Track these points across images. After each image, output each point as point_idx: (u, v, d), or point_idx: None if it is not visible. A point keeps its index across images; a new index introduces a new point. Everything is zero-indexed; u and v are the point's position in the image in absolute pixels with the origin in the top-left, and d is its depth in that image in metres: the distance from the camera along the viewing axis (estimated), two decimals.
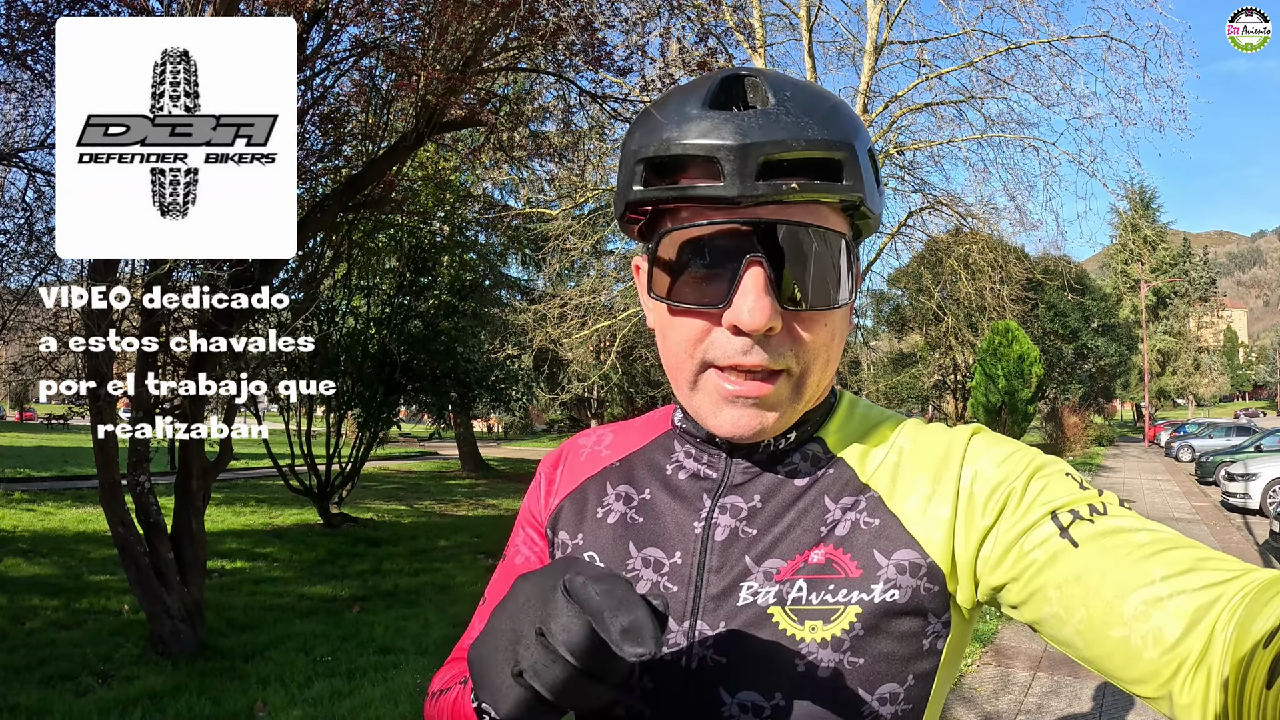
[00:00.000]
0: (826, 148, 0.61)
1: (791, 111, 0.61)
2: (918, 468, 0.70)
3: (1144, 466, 22.97)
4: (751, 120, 0.61)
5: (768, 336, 0.63)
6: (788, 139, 0.60)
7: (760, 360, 0.63)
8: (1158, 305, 54.05)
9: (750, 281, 0.61)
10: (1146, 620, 0.54)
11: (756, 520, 0.70)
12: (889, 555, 0.66)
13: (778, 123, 0.61)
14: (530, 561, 0.84)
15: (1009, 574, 0.62)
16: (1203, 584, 0.54)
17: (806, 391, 0.68)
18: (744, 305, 0.61)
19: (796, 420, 0.72)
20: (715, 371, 0.65)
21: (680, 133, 0.62)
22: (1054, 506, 0.62)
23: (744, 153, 0.60)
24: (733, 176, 0.60)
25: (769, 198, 0.61)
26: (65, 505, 11.42)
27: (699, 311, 0.65)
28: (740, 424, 0.66)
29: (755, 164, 0.60)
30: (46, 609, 5.96)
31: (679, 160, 0.63)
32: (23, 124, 5.53)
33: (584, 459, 0.84)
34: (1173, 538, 0.58)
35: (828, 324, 0.66)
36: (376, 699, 4.25)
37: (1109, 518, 0.61)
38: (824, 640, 0.64)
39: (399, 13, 5.56)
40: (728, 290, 0.62)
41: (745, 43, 11.98)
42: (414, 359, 12.00)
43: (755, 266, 0.62)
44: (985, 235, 14.90)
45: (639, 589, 0.69)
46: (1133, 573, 0.56)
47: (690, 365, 0.67)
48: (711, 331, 0.65)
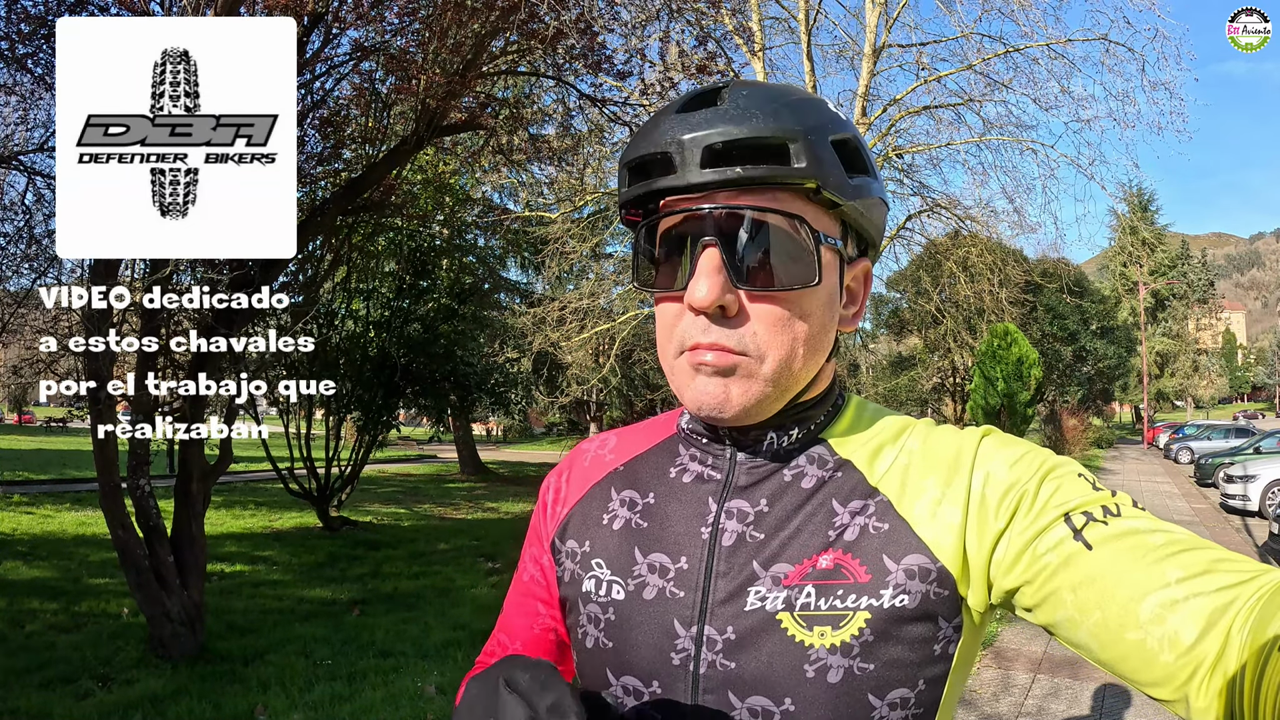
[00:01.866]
0: (771, 133, 0.64)
1: (741, 107, 0.66)
2: (927, 471, 0.70)
3: (1143, 468, 22.99)
4: (701, 117, 0.65)
5: (725, 316, 0.66)
6: (730, 128, 0.64)
7: (717, 339, 0.66)
8: (1156, 307, 54.04)
9: (704, 262, 0.65)
10: (1163, 623, 0.54)
11: (764, 524, 0.70)
12: (898, 560, 0.66)
13: (724, 116, 0.65)
14: (536, 580, 0.85)
15: (1023, 577, 0.62)
16: (1219, 586, 0.54)
17: (779, 377, 0.68)
18: (696, 285, 0.65)
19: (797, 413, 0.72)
20: (686, 353, 0.68)
21: (647, 139, 0.68)
22: (1067, 509, 0.62)
23: (691, 144, 0.64)
24: (681, 167, 0.65)
25: (718, 182, 0.64)
26: (64, 508, 11.41)
27: (669, 296, 0.69)
28: (706, 393, 0.67)
29: (699, 153, 0.64)
30: (46, 612, 5.95)
31: (645, 162, 0.68)
32: (22, 127, 5.54)
33: (588, 464, 0.84)
34: (1187, 539, 0.58)
35: (789, 306, 0.67)
36: (377, 702, 4.24)
37: (1123, 519, 0.61)
38: (833, 646, 0.64)
39: (399, 16, 5.57)
40: (689, 273, 0.66)
41: (744, 46, 12.00)
42: (413, 362, 12.01)
43: (709, 249, 0.65)
44: (984, 238, 14.91)
45: (645, 595, 0.71)
46: (1148, 575, 0.56)
47: (670, 348, 0.70)
48: (682, 315, 0.68)
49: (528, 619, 0.85)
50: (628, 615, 0.72)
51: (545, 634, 0.85)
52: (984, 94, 13.07)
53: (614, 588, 0.73)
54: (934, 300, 19.62)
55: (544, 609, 0.84)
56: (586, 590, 0.75)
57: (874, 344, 29.17)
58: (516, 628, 0.86)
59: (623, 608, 0.72)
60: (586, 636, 0.74)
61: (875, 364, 29.71)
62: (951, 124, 13.44)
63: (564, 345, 14.83)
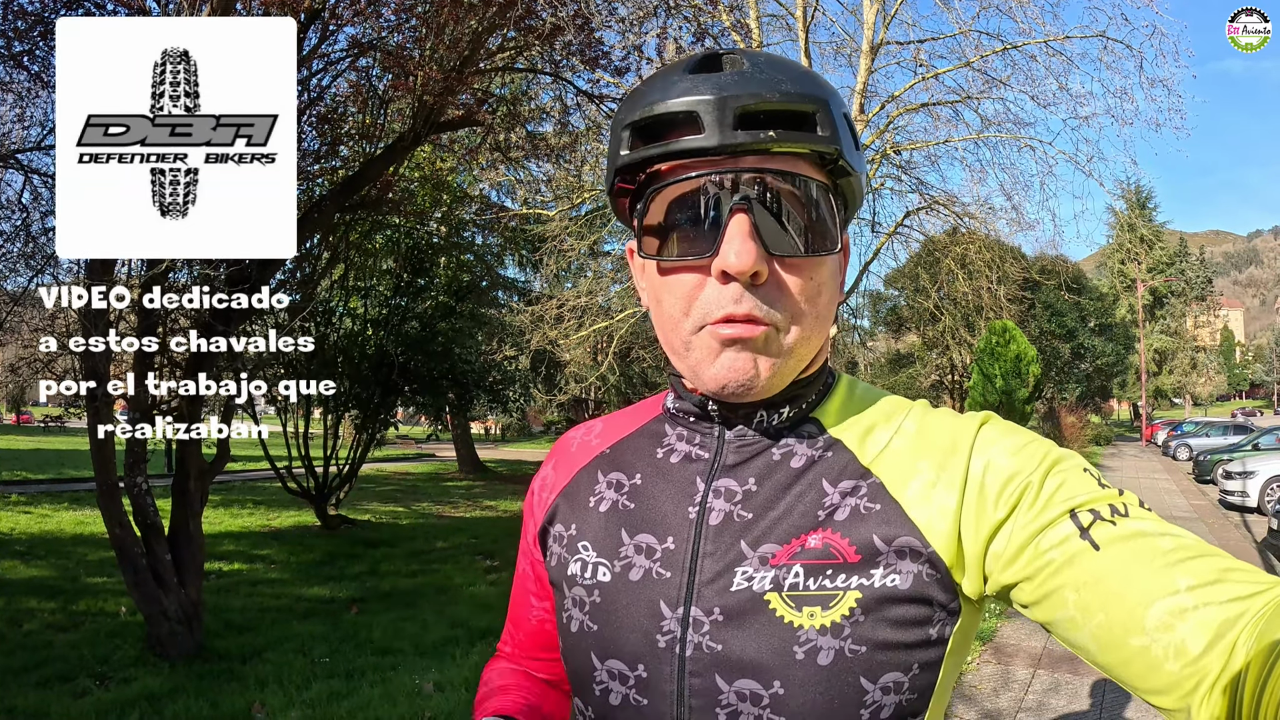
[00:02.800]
0: (800, 100, 0.64)
1: (765, 70, 0.64)
2: (922, 453, 0.68)
3: (1142, 465, 23.03)
4: (728, 78, 0.64)
5: (755, 285, 0.64)
6: (762, 91, 0.63)
7: (750, 308, 0.63)
8: (1154, 305, 54.13)
9: (735, 228, 0.62)
10: (1170, 631, 0.53)
11: (752, 503, 0.68)
12: (889, 542, 0.64)
13: (753, 79, 0.63)
14: (526, 573, 0.86)
15: (1023, 572, 0.61)
16: (1229, 597, 0.53)
17: (797, 348, 0.67)
18: (730, 250, 0.62)
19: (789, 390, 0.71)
20: (709, 327, 0.65)
21: (663, 95, 0.64)
22: (1073, 505, 0.60)
23: (722, 104, 0.62)
24: (712, 127, 0.62)
25: (748, 146, 0.63)
26: (62, 508, 11.40)
27: (689, 265, 0.65)
28: (735, 367, 0.65)
29: (733, 114, 0.62)
30: (44, 611, 5.94)
31: (662, 120, 0.65)
32: (19, 125, 5.52)
33: (575, 450, 0.84)
34: (1196, 544, 0.57)
35: (814, 275, 0.66)
36: (375, 700, 4.24)
37: (1131, 520, 0.59)
38: (823, 627, 0.62)
39: (396, 13, 5.56)
40: (715, 240, 0.63)
41: (742, 43, 11.98)
42: (411, 360, 11.99)
43: (740, 214, 0.63)
44: (982, 235, 14.90)
45: (632, 576, 0.70)
46: (1157, 580, 0.55)
47: (685, 324, 0.66)
48: (704, 286, 0.65)
49: (526, 610, 0.87)
50: (614, 597, 0.70)
51: (541, 625, 0.86)
52: (982, 91, 13.07)
53: (600, 569, 0.72)
54: (932, 298, 19.62)
55: (536, 601, 0.85)
56: (572, 574, 0.74)
57: (872, 341, 29.18)
58: (519, 617, 0.89)
59: (609, 590, 0.71)
60: (571, 620, 0.73)
61: (874, 361, 29.71)
62: (949, 121, 13.43)
63: (562, 343, 14.81)
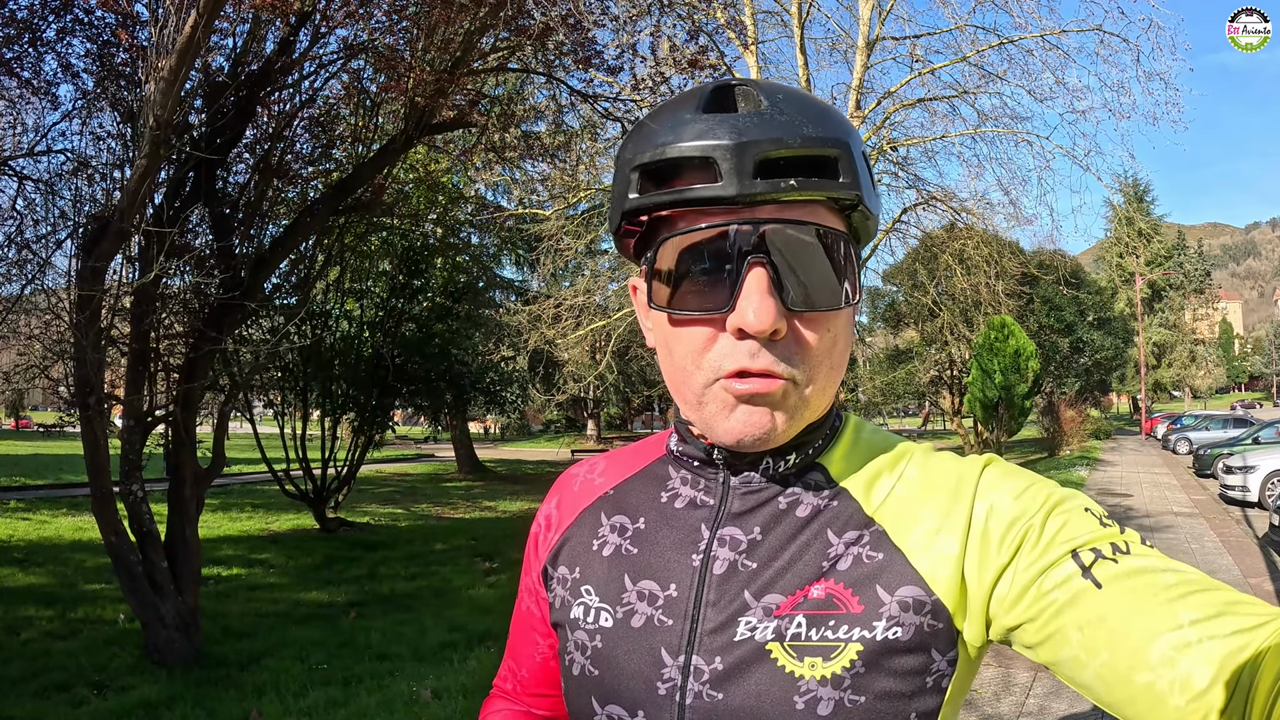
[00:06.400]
0: (822, 145, 0.60)
1: (785, 111, 0.61)
2: (925, 500, 0.68)
3: (1141, 460, 23.01)
4: (746, 120, 0.60)
5: (773, 340, 0.61)
6: (783, 136, 0.59)
7: (767, 364, 0.61)
8: (1153, 298, 54.13)
9: (753, 283, 0.60)
10: (1174, 666, 0.52)
11: (756, 553, 0.68)
12: (892, 592, 0.63)
13: (772, 121, 0.60)
14: (530, 611, 0.84)
15: (1026, 614, 0.60)
16: (1233, 630, 0.52)
17: (812, 400, 0.65)
18: (748, 307, 0.59)
19: (798, 437, 0.69)
20: (723, 381, 0.63)
21: (675, 137, 0.61)
22: (1075, 545, 0.60)
23: (740, 151, 0.59)
24: (730, 175, 0.59)
25: (767, 196, 0.59)
26: (61, 514, 11.38)
27: (702, 319, 0.63)
28: (751, 422, 0.63)
29: (752, 161, 0.59)
30: (41, 619, 5.92)
31: (675, 164, 0.62)
32: (11, 132, 5.50)
33: (578, 489, 0.83)
34: (1199, 579, 0.57)
35: (831, 328, 0.64)
36: (372, 707, 4.22)
37: (1132, 557, 0.59)
38: (824, 678, 0.62)
39: (387, 14, 5.54)
40: (730, 293, 0.61)
41: (736, 40, 11.98)
42: (408, 362, 11.99)
43: (758, 268, 0.60)
44: (980, 230, 14.92)
45: (634, 623, 0.69)
46: (1160, 616, 0.54)
47: (697, 377, 0.64)
48: (717, 339, 0.63)
49: (530, 648, 0.86)
50: (615, 643, 0.70)
51: (546, 663, 0.85)
52: (978, 86, 13.07)
53: (603, 615, 0.72)
54: (930, 293, 19.61)
55: (541, 640, 0.84)
56: (575, 617, 0.74)
57: (871, 337, 29.16)
58: (522, 654, 0.87)
59: (610, 635, 0.70)
60: (574, 664, 0.73)
61: (872, 357, 29.70)
62: (946, 116, 13.44)
63: (560, 343, 14.82)
